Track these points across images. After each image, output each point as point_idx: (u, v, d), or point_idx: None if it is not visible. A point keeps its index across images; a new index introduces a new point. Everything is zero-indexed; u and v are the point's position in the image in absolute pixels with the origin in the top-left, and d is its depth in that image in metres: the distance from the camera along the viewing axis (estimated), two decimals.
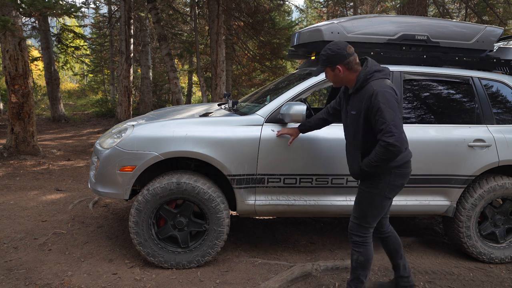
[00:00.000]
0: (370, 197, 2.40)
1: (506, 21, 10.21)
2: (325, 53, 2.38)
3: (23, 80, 6.55)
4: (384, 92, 2.21)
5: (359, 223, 2.45)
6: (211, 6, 9.21)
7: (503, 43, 3.83)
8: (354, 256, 2.48)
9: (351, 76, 2.38)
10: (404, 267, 2.69)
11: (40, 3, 4.91)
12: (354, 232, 2.48)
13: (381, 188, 2.37)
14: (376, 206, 2.41)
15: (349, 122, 2.45)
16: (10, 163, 6.32)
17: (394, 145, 2.13)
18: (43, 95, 18.53)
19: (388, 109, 2.17)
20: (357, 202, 2.48)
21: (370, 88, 2.26)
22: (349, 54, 2.33)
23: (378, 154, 2.21)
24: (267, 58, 13.71)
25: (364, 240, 2.45)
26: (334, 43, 2.39)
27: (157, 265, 2.98)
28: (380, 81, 2.28)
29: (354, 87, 2.37)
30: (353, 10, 14.84)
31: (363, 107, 2.28)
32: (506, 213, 3.34)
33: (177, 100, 9.44)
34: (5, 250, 3.21)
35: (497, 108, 3.36)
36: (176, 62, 15.88)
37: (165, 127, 2.92)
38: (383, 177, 2.35)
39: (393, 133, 2.13)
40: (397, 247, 2.67)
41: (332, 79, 2.45)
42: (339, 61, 2.34)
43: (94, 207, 4.32)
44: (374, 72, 2.31)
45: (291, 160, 2.98)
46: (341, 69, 2.36)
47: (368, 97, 2.25)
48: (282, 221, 4.15)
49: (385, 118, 2.16)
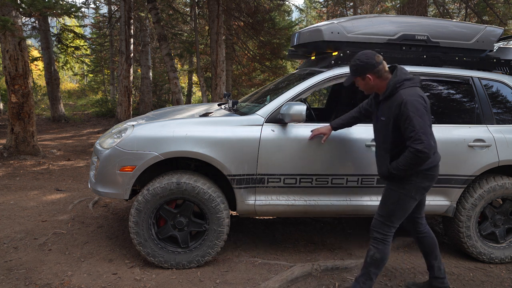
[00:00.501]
0: (396, 197, 2.46)
1: (506, 21, 10.21)
2: (354, 63, 2.46)
3: (23, 80, 6.54)
4: (413, 100, 2.30)
5: (383, 221, 2.50)
6: (211, 6, 9.21)
7: (503, 43, 3.83)
8: (371, 252, 2.52)
9: (382, 84, 2.46)
10: (439, 268, 2.72)
11: (40, 3, 4.91)
12: (376, 229, 2.52)
13: (408, 188, 2.43)
14: (402, 206, 2.47)
15: (379, 126, 2.54)
16: (10, 163, 6.32)
17: (423, 152, 2.23)
18: (43, 95, 18.52)
19: (417, 117, 2.26)
20: (383, 201, 2.54)
21: (399, 97, 2.34)
22: (377, 63, 2.43)
23: (407, 159, 2.30)
24: (267, 58, 13.71)
25: (384, 238, 2.50)
26: (363, 53, 2.47)
27: (157, 265, 2.98)
28: (409, 90, 2.36)
29: (384, 95, 2.45)
30: (353, 10, 14.84)
31: (392, 115, 2.37)
32: (506, 213, 3.34)
33: (177, 100, 9.43)
34: (5, 250, 3.21)
35: (497, 108, 3.36)
36: (176, 62, 15.88)
37: (165, 127, 2.92)
38: (411, 179, 2.42)
39: (422, 140, 2.23)
40: (432, 248, 2.70)
41: (363, 87, 2.54)
42: (369, 70, 2.43)
43: (94, 207, 4.32)
44: (404, 80, 2.40)
45: (291, 160, 2.98)
46: (371, 77, 2.44)
47: (397, 105, 2.33)
48: (282, 221, 4.15)
49: (414, 126, 2.25)
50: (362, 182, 3.11)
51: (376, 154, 2.65)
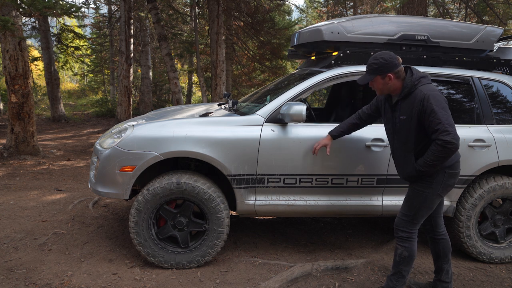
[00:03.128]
0: (422, 196, 2.47)
1: (506, 21, 10.21)
2: (377, 61, 2.44)
3: (23, 80, 6.54)
4: (435, 94, 2.33)
5: (408, 219, 2.51)
6: (211, 6, 9.21)
7: (503, 43, 3.83)
8: (399, 251, 2.54)
9: (398, 84, 2.47)
10: (447, 272, 2.72)
11: (40, 3, 4.91)
12: (401, 228, 2.54)
13: (434, 187, 2.45)
14: (427, 204, 2.49)
15: (398, 127, 2.52)
16: (10, 163, 6.32)
17: (452, 142, 2.23)
18: (43, 95, 18.52)
19: (441, 110, 2.28)
20: (408, 200, 2.54)
21: (420, 93, 2.36)
22: (399, 63, 2.44)
23: (435, 152, 2.29)
24: (266, 58, 13.72)
25: (410, 236, 2.52)
26: (385, 53, 2.47)
27: (157, 265, 2.98)
28: (427, 86, 2.39)
29: (402, 94, 2.45)
30: (353, 10, 14.84)
31: (415, 111, 2.37)
32: (506, 213, 3.34)
33: (177, 100, 9.44)
34: (5, 250, 3.21)
35: (497, 108, 3.35)
36: (176, 62, 15.89)
37: (165, 127, 2.92)
38: (437, 177, 2.43)
39: (449, 132, 2.23)
40: (446, 251, 2.70)
41: (380, 87, 2.52)
42: (391, 69, 2.42)
43: (94, 207, 4.32)
44: (420, 78, 2.42)
45: (291, 160, 2.98)
46: (392, 77, 2.44)
47: (419, 101, 2.35)
48: (282, 221, 4.15)
49: (439, 119, 2.25)
50: (362, 182, 3.11)
51: (396, 157, 2.63)
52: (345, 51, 3.25)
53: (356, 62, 3.28)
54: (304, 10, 22.33)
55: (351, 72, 3.19)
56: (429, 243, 2.79)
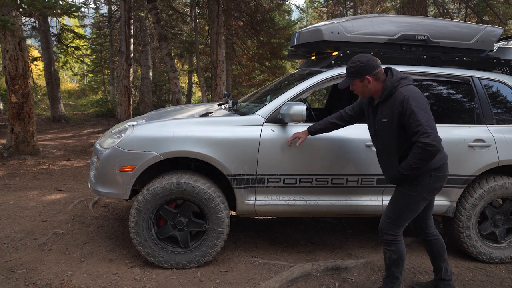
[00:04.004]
0: (407, 199, 2.45)
1: (506, 21, 10.21)
2: (354, 65, 2.43)
3: (23, 80, 6.54)
4: (415, 96, 2.30)
5: (392, 222, 2.50)
6: (211, 6, 9.21)
7: (503, 43, 3.83)
8: (387, 255, 2.53)
9: (378, 86, 2.45)
10: (446, 270, 2.71)
11: (40, 3, 4.91)
12: (385, 231, 2.52)
13: (419, 190, 2.42)
14: (412, 208, 2.46)
15: (380, 130, 2.50)
16: (10, 163, 6.32)
17: (432, 144, 2.19)
18: (43, 95, 18.52)
19: (421, 111, 2.24)
20: (392, 203, 2.52)
21: (400, 94, 2.33)
22: (377, 65, 2.42)
23: (416, 155, 2.26)
24: (266, 58, 13.72)
25: (395, 239, 2.50)
26: (362, 55, 2.45)
27: (157, 265, 2.98)
28: (408, 87, 2.36)
29: (382, 96, 2.43)
30: (353, 10, 14.84)
31: (395, 113, 2.35)
32: (506, 213, 3.34)
33: (177, 100, 9.43)
34: (5, 250, 3.21)
35: (497, 108, 3.35)
36: (176, 62, 15.89)
37: (165, 127, 2.92)
38: (423, 180, 2.40)
39: (429, 134, 2.20)
40: (441, 251, 2.69)
41: (361, 90, 2.50)
42: (369, 71, 2.41)
43: (94, 207, 4.32)
44: (401, 79, 2.39)
45: (291, 160, 2.98)
46: (371, 79, 2.42)
47: (399, 102, 2.32)
48: (282, 221, 4.15)
49: (419, 120, 2.22)
50: (362, 182, 3.11)
51: (381, 159, 2.61)
52: (345, 51, 3.25)
53: None
54: (304, 10, 22.33)
55: None
56: (424, 245, 2.79)
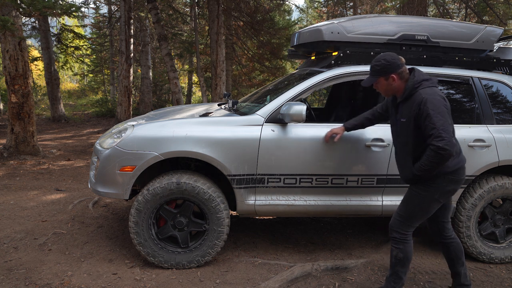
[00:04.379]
0: (419, 199, 2.45)
1: (506, 21, 10.21)
2: (379, 63, 2.44)
3: (23, 80, 6.54)
4: (432, 99, 2.30)
5: (403, 221, 2.49)
6: (211, 6, 9.21)
7: (503, 43, 3.84)
8: (394, 253, 2.52)
9: (402, 85, 2.46)
10: (465, 275, 2.69)
11: (40, 2, 4.90)
12: (395, 229, 2.52)
13: (431, 191, 2.42)
14: (424, 208, 2.46)
15: (399, 129, 2.51)
16: (10, 163, 6.32)
17: (444, 148, 2.20)
18: (43, 95, 18.52)
19: (437, 115, 2.25)
20: (405, 201, 2.52)
21: (418, 96, 2.34)
22: (402, 64, 2.43)
23: (429, 158, 2.27)
24: (266, 58, 13.72)
25: (404, 238, 2.50)
26: (387, 54, 2.46)
27: (157, 265, 2.98)
28: (428, 89, 2.36)
29: (403, 96, 2.44)
30: (353, 10, 14.84)
31: (412, 115, 2.36)
32: (506, 213, 3.34)
33: (177, 100, 9.43)
34: (5, 250, 3.21)
35: (497, 108, 3.35)
36: (176, 62, 15.88)
37: (165, 127, 2.92)
38: (436, 181, 2.40)
39: (442, 138, 2.21)
40: (459, 254, 2.67)
41: (385, 88, 2.51)
42: (394, 70, 2.41)
43: (94, 207, 4.32)
44: (422, 81, 2.40)
45: (291, 160, 2.98)
46: (396, 77, 2.43)
47: (417, 104, 2.33)
48: (282, 221, 4.15)
49: (434, 124, 2.23)
50: (362, 182, 3.11)
51: (397, 158, 2.62)
52: (345, 51, 3.25)
53: (356, 62, 3.28)
54: (304, 10, 22.32)
55: (351, 72, 3.19)
56: (441, 248, 2.74)
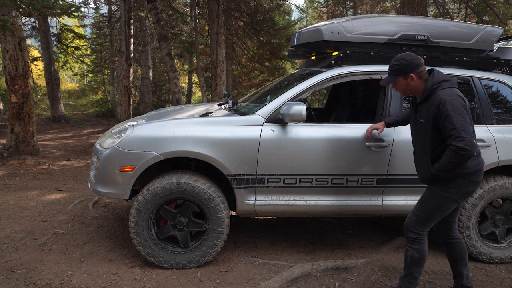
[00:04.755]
0: (438, 199, 2.44)
1: (506, 21, 10.21)
2: (398, 62, 2.44)
3: (23, 80, 6.54)
4: (451, 100, 2.29)
5: (419, 221, 2.48)
6: (211, 6, 9.21)
7: (503, 43, 3.83)
8: (409, 253, 2.51)
9: (421, 86, 2.45)
10: (468, 276, 2.68)
11: (39, 2, 4.90)
12: (410, 229, 2.50)
13: (451, 192, 2.41)
14: (442, 208, 2.45)
15: (418, 130, 2.51)
16: (10, 163, 6.32)
17: (465, 149, 2.20)
18: (43, 95, 18.52)
19: (456, 115, 2.24)
20: (422, 201, 2.51)
21: (437, 97, 2.34)
22: (421, 64, 2.42)
23: (449, 158, 2.27)
24: (266, 58, 13.72)
25: (420, 238, 2.49)
26: (406, 54, 2.46)
27: (157, 265, 2.98)
28: (447, 90, 2.35)
29: (422, 96, 2.44)
30: (353, 10, 14.84)
31: (431, 115, 2.35)
32: (506, 213, 3.34)
33: (177, 100, 9.44)
34: (5, 250, 3.21)
35: (497, 108, 3.35)
36: (176, 62, 15.89)
37: (165, 127, 2.92)
38: (456, 182, 2.39)
39: (463, 138, 2.20)
40: (463, 255, 2.66)
41: (404, 87, 2.50)
42: (414, 69, 2.41)
43: (94, 207, 4.32)
44: (441, 82, 2.39)
45: (291, 160, 2.98)
46: (415, 77, 2.43)
47: (436, 105, 2.32)
48: (282, 221, 4.15)
49: (454, 124, 2.23)
50: (362, 182, 3.11)
51: (416, 159, 2.61)
52: (345, 51, 3.25)
53: (356, 62, 3.28)
54: (304, 10, 22.32)
55: (351, 72, 3.19)
56: (444, 248, 2.73)
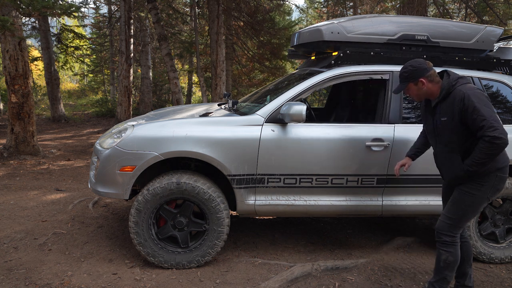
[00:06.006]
0: (472, 199, 2.41)
1: (506, 21, 10.21)
2: (406, 69, 2.47)
3: (23, 80, 6.54)
4: (475, 92, 2.30)
5: (452, 223, 2.44)
6: (211, 6, 9.21)
7: (503, 43, 3.83)
8: (443, 256, 2.47)
9: (434, 88, 2.46)
10: (470, 276, 2.68)
11: (39, 2, 4.90)
12: (445, 232, 2.46)
13: (484, 190, 2.39)
14: (476, 208, 2.43)
15: (440, 129, 2.48)
16: (10, 163, 6.32)
17: (499, 137, 2.18)
18: (43, 95, 18.52)
19: (483, 106, 2.24)
20: (455, 203, 2.46)
21: (459, 92, 2.34)
22: (429, 68, 2.44)
23: (483, 149, 2.24)
24: (266, 58, 13.72)
25: (454, 240, 2.46)
26: (414, 60, 2.49)
27: (157, 265, 2.98)
28: (466, 85, 2.37)
29: (440, 96, 2.44)
30: (353, 10, 14.84)
31: (456, 111, 2.34)
32: (506, 213, 3.34)
33: (177, 100, 9.43)
34: (5, 250, 3.21)
35: (497, 108, 3.35)
36: (176, 62, 15.89)
37: (165, 127, 2.92)
38: (488, 180, 2.37)
39: (495, 127, 2.19)
40: (469, 255, 2.65)
41: (416, 93, 2.51)
42: (422, 74, 2.43)
43: (94, 207, 4.32)
44: (458, 79, 2.41)
45: (291, 160, 2.98)
46: (425, 81, 2.44)
47: (459, 100, 2.32)
48: (282, 221, 4.15)
49: (484, 115, 2.22)
50: (362, 182, 3.11)
51: (441, 159, 2.56)
52: (345, 51, 3.25)
53: (356, 62, 3.29)
54: (304, 10, 22.31)
55: (351, 72, 3.19)
56: None
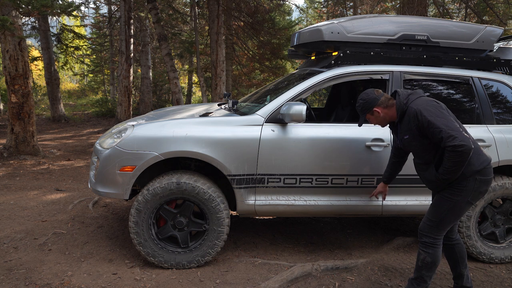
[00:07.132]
0: (451, 203, 2.43)
1: (506, 21, 10.21)
2: (358, 104, 2.59)
3: (23, 80, 6.54)
4: (425, 106, 2.37)
5: (432, 225, 2.47)
6: (211, 6, 9.21)
7: (503, 43, 3.83)
8: (421, 256, 2.51)
9: (391, 112, 2.55)
10: (468, 277, 2.69)
11: (38, 1, 4.90)
12: (425, 233, 2.50)
13: (464, 195, 2.40)
14: (456, 212, 2.44)
15: (406, 147, 2.56)
16: (10, 163, 6.32)
17: (460, 145, 2.21)
18: (43, 95, 18.52)
19: (437, 118, 2.30)
20: (436, 206, 2.49)
21: (411, 110, 2.42)
22: (379, 96, 2.54)
23: (451, 158, 2.28)
24: (266, 58, 13.72)
25: (434, 242, 2.48)
26: (363, 93, 2.60)
27: (157, 265, 2.98)
28: (417, 101, 2.43)
29: (398, 117, 2.52)
30: (353, 10, 14.84)
31: (414, 127, 2.41)
32: (506, 213, 3.34)
33: (177, 100, 9.44)
34: (5, 250, 3.21)
35: (497, 108, 3.35)
36: (176, 62, 15.89)
37: (165, 127, 2.92)
38: (467, 185, 2.39)
39: (453, 136, 2.23)
40: (463, 256, 2.66)
41: (376, 121, 2.61)
42: (373, 104, 2.53)
43: (94, 207, 4.32)
44: (408, 96, 2.49)
45: (291, 160, 2.98)
46: (379, 109, 2.53)
47: (413, 117, 2.39)
48: (282, 221, 4.15)
49: (439, 127, 2.27)
50: (362, 182, 3.11)
51: (417, 171, 2.63)
52: (345, 51, 3.25)
53: (356, 62, 3.29)
54: (304, 10, 22.32)
55: (351, 72, 3.19)
56: (444, 250, 2.70)
